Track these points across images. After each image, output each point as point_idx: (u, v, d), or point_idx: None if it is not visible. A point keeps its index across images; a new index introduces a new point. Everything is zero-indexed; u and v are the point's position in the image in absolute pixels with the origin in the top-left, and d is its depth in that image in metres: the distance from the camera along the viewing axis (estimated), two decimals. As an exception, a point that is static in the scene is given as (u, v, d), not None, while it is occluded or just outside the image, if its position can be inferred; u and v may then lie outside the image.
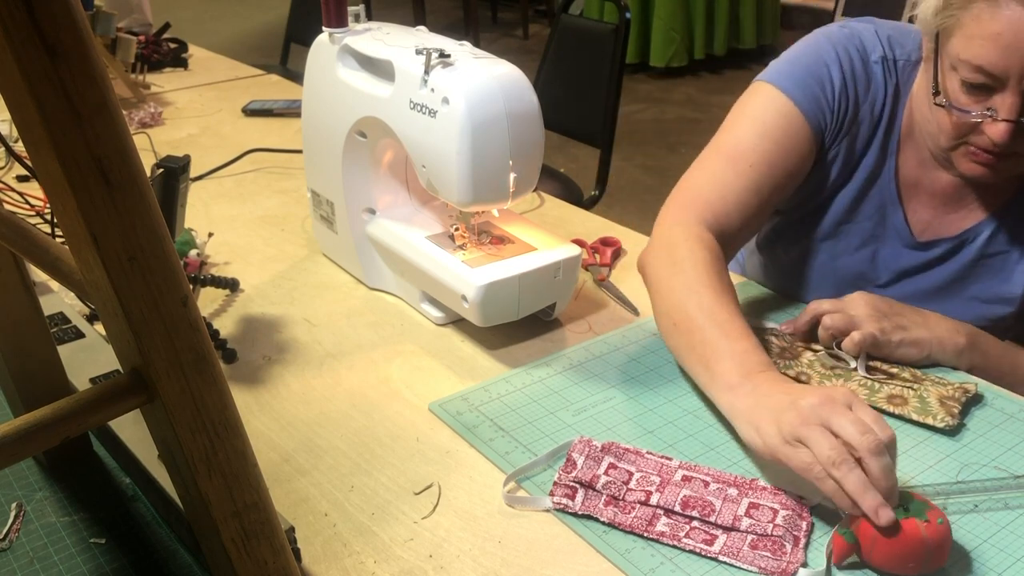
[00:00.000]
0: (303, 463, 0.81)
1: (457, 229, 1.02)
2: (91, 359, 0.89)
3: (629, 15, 1.99)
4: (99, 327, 0.97)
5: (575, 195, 2.09)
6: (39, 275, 0.99)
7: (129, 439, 0.76)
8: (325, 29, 1.05)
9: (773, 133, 0.97)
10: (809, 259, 1.09)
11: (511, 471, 0.78)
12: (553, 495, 0.76)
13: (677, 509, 0.73)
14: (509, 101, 0.89)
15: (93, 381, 0.85)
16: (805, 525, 0.72)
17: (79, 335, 0.94)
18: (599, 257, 1.18)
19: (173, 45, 2.20)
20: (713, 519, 0.72)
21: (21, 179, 1.42)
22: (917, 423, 0.85)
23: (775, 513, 0.72)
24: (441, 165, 0.91)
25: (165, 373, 0.48)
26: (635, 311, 1.07)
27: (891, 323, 0.92)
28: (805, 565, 0.69)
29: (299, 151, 1.54)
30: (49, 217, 1.11)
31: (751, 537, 0.71)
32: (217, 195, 1.41)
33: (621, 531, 0.72)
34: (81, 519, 0.75)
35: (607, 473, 0.77)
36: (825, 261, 1.08)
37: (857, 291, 0.95)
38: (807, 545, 0.70)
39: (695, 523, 0.72)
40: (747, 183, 0.97)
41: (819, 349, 0.95)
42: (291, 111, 1.78)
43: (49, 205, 1.18)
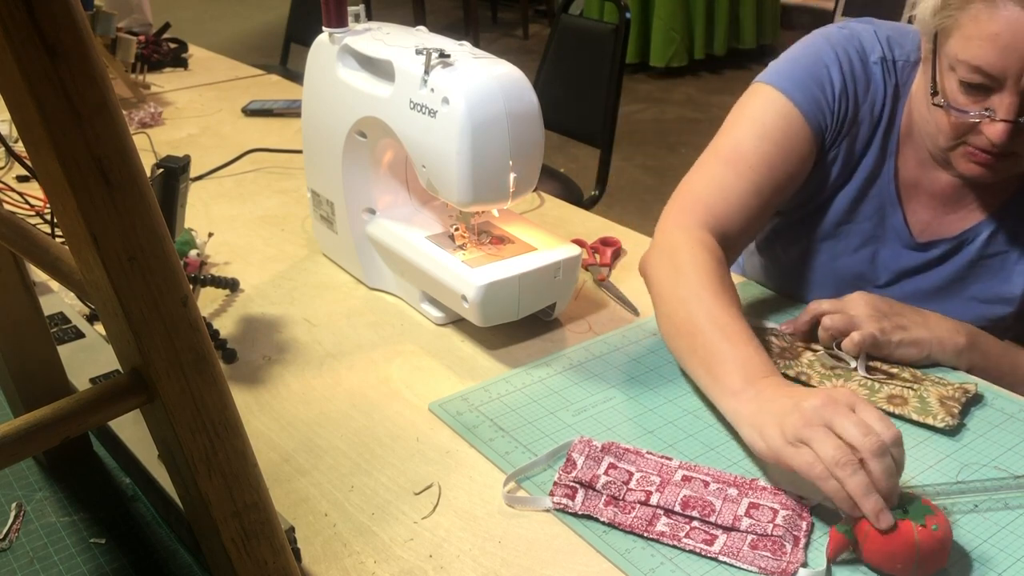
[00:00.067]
0: (303, 463, 0.81)
1: (457, 229, 1.02)
2: (91, 359, 0.89)
3: (629, 15, 1.99)
4: (99, 327, 0.97)
5: (575, 195, 2.09)
6: (39, 275, 0.99)
7: (129, 439, 0.76)
8: (325, 29, 1.05)
9: (773, 135, 0.97)
10: (809, 260, 1.09)
11: (511, 471, 0.78)
12: (553, 495, 0.76)
13: (677, 509, 0.73)
14: (509, 101, 0.89)
15: (93, 381, 0.85)
16: (805, 525, 0.72)
17: (79, 335, 0.94)
18: (599, 257, 1.18)
19: (173, 45, 2.20)
20: (713, 519, 0.72)
21: (21, 179, 1.42)
22: (917, 423, 0.85)
23: (775, 513, 0.72)
24: (441, 165, 0.91)
25: (165, 373, 0.48)
26: (635, 311, 1.07)
27: (891, 323, 0.92)
28: (805, 565, 0.69)
29: (299, 151, 1.54)
30: (49, 217, 1.11)
31: (751, 537, 0.71)
32: (217, 195, 1.41)
33: (621, 531, 0.72)
34: (81, 519, 0.75)
35: (607, 473, 0.77)
36: (825, 262, 1.08)
37: (857, 291, 0.95)
38: (807, 545, 0.70)
39: (695, 523, 0.72)
40: (748, 185, 0.97)
41: (819, 349, 0.95)
42: (291, 111, 1.78)
43: (49, 205, 1.18)
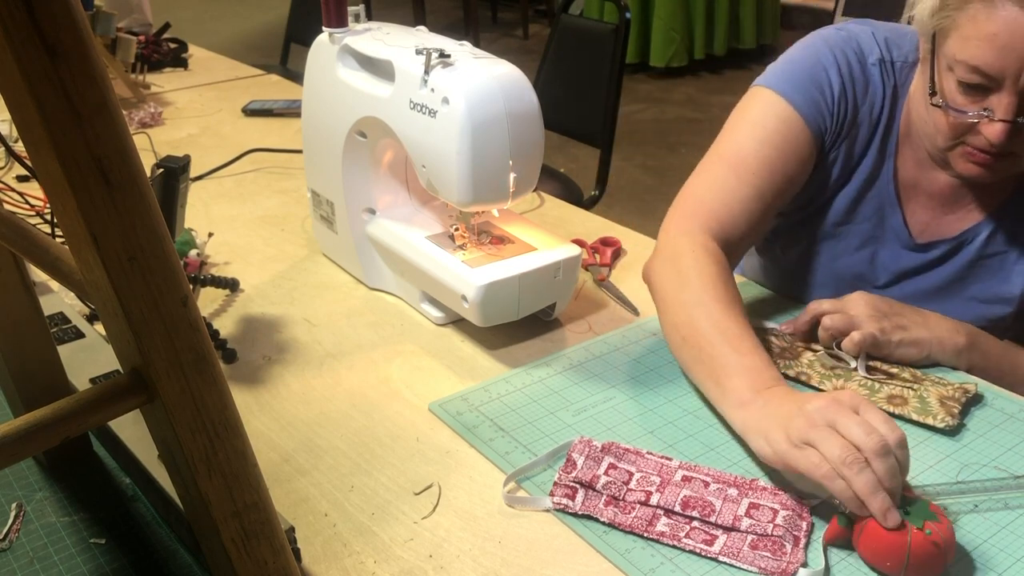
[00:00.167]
0: (303, 463, 0.81)
1: (457, 229, 1.02)
2: (91, 359, 0.89)
3: (629, 15, 1.99)
4: (99, 327, 0.97)
5: (575, 195, 2.09)
6: (39, 275, 0.99)
7: (129, 439, 0.76)
8: (325, 29, 1.05)
9: (773, 139, 0.97)
10: (808, 260, 1.09)
11: (511, 471, 0.78)
12: (553, 495, 0.76)
13: (677, 509, 0.73)
14: (509, 101, 0.89)
15: (93, 381, 0.85)
16: (805, 525, 0.72)
17: (79, 335, 0.94)
18: (599, 257, 1.18)
19: (173, 45, 2.20)
20: (713, 519, 0.72)
21: (21, 179, 1.42)
22: (917, 423, 0.85)
23: (775, 513, 0.72)
24: (441, 165, 0.91)
25: (165, 373, 0.48)
26: (635, 311, 1.07)
27: (891, 323, 0.92)
28: (805, 565, 0.69)
29: (299, 151, 1.54)
30: (49, 217, 1.11)
31: (751, 537, 0.71)
32: (217, 195, 1.41)
33: (621, 531, 0.72)
34: (81, 519, 0.75)
35: (607, 473, 0.77)
36: (824, 262, 1.08)
37: (857, 291, 0.95)
38: (807, 545, 0.70)
39: (695, 523, 0.72)
40: (750, 190, 0.97)
41: (819, 349, 0.95)
42: (291, 111, 1.78)
43: (49, 205, 1.18)
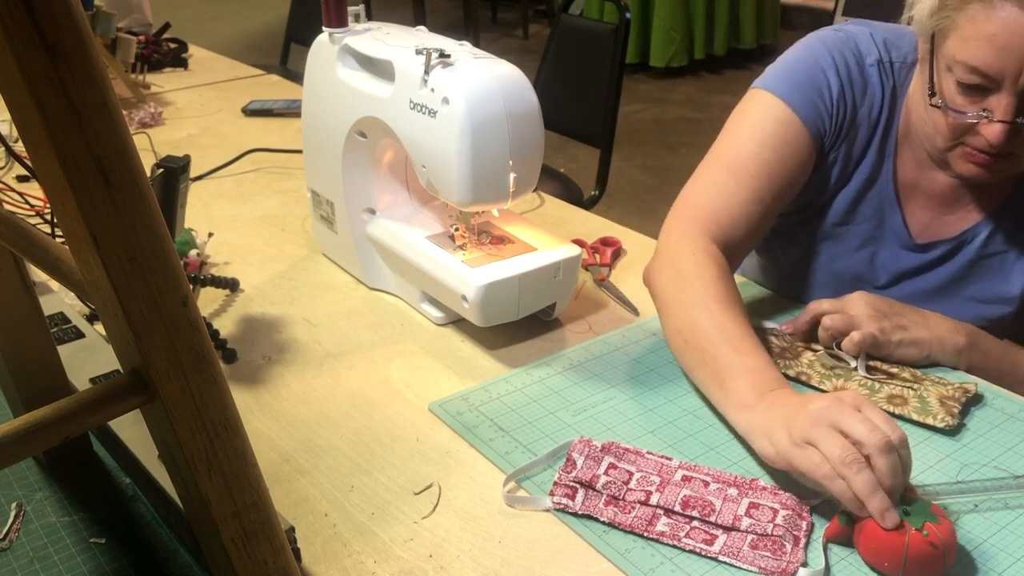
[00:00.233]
0: (303, 463, 0.81)
1: (457, 229, 1.02)
2: (91, 359, 0.89)
3: (629, 15, 1.99)
4: (99, 327, 0.97)
5: (575, 195, 2.09)
6: (39, 275, 0.99)
7: (129, 439, 0.76)
8: (325, 29, 1.05)
9: (772, 141, 0.97)
10: (808, 261, 1.09)
11: (511, 471, 0.78)
12: (553, 495, 0.76)
13: (677, 509, 0.73)
14: (509, 101, 0.89)
15: (93, 381, 0.85)
16: (805, 525, 0.72)
17: (79, 335, 0.94)
18: (599, 257, 1.18)
19: (173, 45, 2.20)
20: (713, 519, 0.72)
21: (21, 179, 1.42)
22: (917, 423, 0.85)
23: (775, 513, 0.72)
24: (441, 165, 0.91)
25: (165, 373, 0.48)
26: (635, 311, 1.07)
27: (891, 323, 0.92)
28: (805, 565, 0.69)
29: (299, 151, 1.54)
30: (49, 217, 1.11)
31: (751, 537, 0.71)
32: (217, 195, 1.41)
33: (621, 531, 0.72)
34: (81, 519, 0.75)
35: (607, 473, 0.77)
36: (824, 263, 1.08)
37: (857, 291, 0.95)
38: (807, 545, 0.70)
39: (695, 523, 0.72)
40: (749, 193, 0.97)
41: (819, 349, 0.95)
42: (291, 111, 1.78)
43: (49, 205, 1.18)
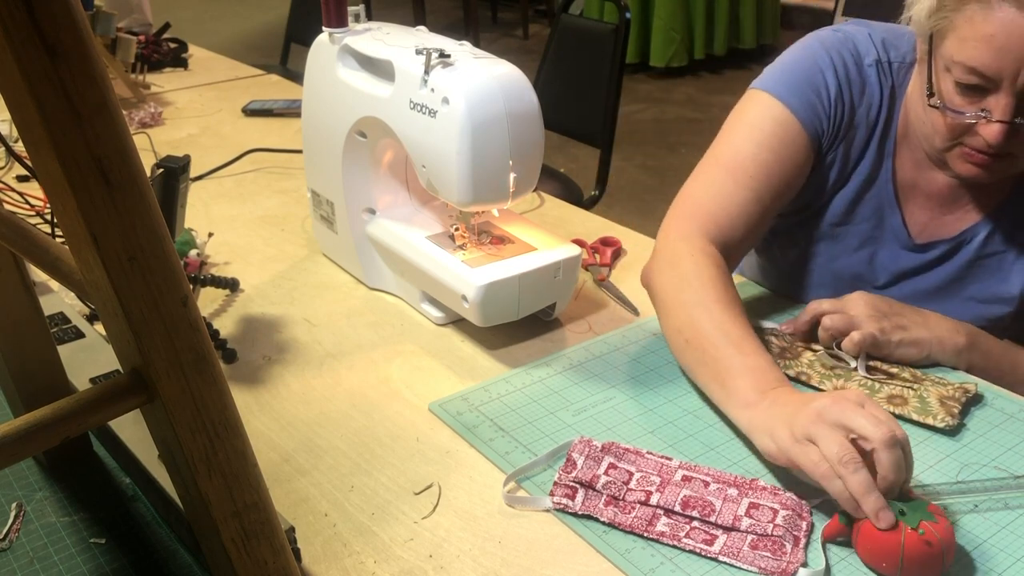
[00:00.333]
0: (303, 463, 0.81)
1: (457, 229, 1.02)
2: (91, 359, 0.89)
3: (629, 15, 1.99)
4: (99, 327, 0.97)
5: (575, 195, 2.09)
6: (39, 275, 0.99)
7: (129, 439, 0.76)
8: (325, 29, 1.05)
9: (770, 142, 0.98)
10: (807, 261, 1.09)
11: (511, 471, 0.78)
12: (553, 495, 0.76)
13: (677, 509, 0.73)
14: (509, 101, 0.89)
15: (93, 381, 0.85)
16: (805, 525, 0.72)
17: (79, 335, 0.94)
18: (599, 257, 1.18)
19: (173, 45, 2.20)
20: (713, 519, 0.72)
21: (21, 179, 1.42)
22: (917, 423, 0.85)
23: (775, 513, 0.72)
24: (441, 165, 0.91)
25: (165, 373, 0.48)
26: (635, 311, 1.07)
27: (891, 323, 0.92)
28: (805, 565, 0.69)
29: (299, 151, 1.54)
30: (49, 217, 1.11)
31: (751, 537, 0.71)
32: (217, 195, 1.41)
33: (621, 531, 0.72)
34: (81, 519, 0.75)
35: (607, 473, 0.77)
36: (823, 263, 1.08)
37: (856, 291, 0.95)
38: (807, 545, 0.70)
39: (695, 523, 0.72)
40: (748, 193, 0.97)
41: (819, 349, 0.95)
42: (291, 111, 1.78)
43: (49, 205, 1.18)
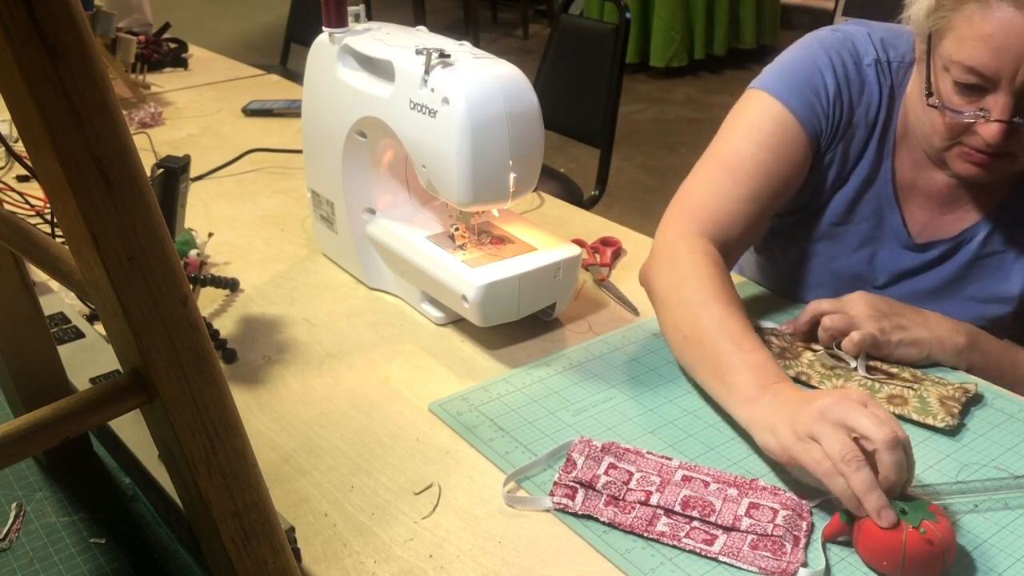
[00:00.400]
0: (303, 463, 0.81)
1: (457, 229, 1.02)
2: (91, 359, 0.89)
3: (629, 15, 1.99)
4: (99, 327, 0.97)
5: (575, 195, 2.09)
6: (39, 275, 0.99)
7: (129, 439, 0.76)
8: (325, 29, 1.05)
9: (769, 141, 0.98)
10: (807, 261, 1.09)
11: (511, 471, 0.78)
12: (553, 495, 0.76)
13: (677, 509, 0.73)
14: (509, 101, 0.89)
15: (93, 381, 0.85)
16: (805, 525, 0.72)
17: (79, 335, 0.94)
18: (599, 257, 1.18)
19: (173, 45, 2.20)
20: (713, 519, 0.72)
21: (21, 179, 1.42)
22: (917, 423, 0.85)
23: (775, 513, 0.72)
24: (441, 165, 0.91)
25: (165, 373, 0.48)
26: (635, 311, 1.07)
27: (891, 323, 0.92)
28: (805, 565, 0.69)
29: (299, 151, 1.54)
30: (49, 217, 1.11)
31: (751, 537, 0.71)
32: (217, 195, 1.41)
33: (621, 531, 0.72)
34: (81, 519, 0.75)
35: (607, 473, 0.77)
36: (823, 263, 1.08)
37: (856, 291, 0.95)
38: (807, 545, 0.70)
39: (695, 523, 0.72)
40: (746, 193, 0.97)
41: (819, 349, 0.95)
42: (291, 111, 1.78)
43: (49, 205, 1.18)
